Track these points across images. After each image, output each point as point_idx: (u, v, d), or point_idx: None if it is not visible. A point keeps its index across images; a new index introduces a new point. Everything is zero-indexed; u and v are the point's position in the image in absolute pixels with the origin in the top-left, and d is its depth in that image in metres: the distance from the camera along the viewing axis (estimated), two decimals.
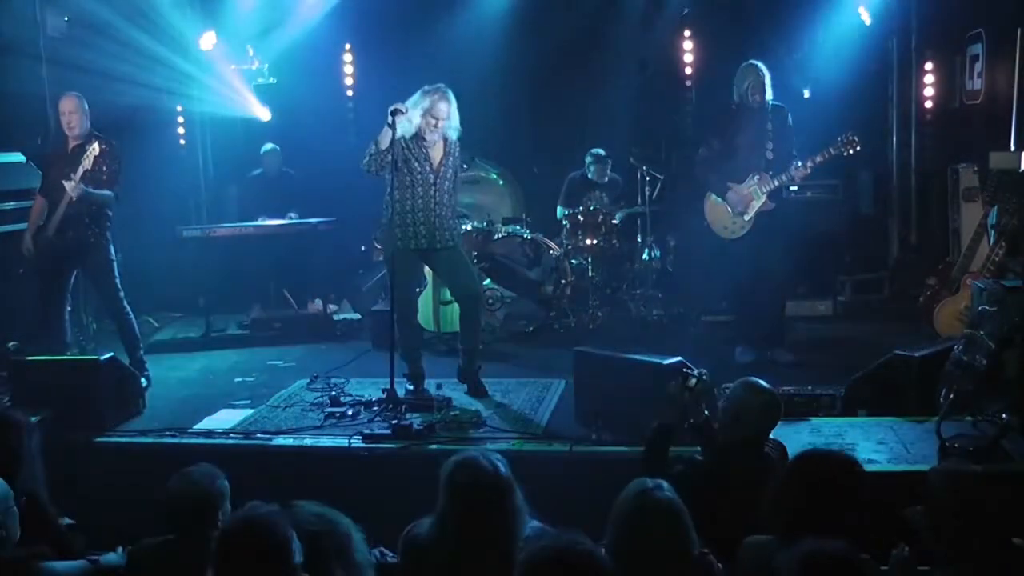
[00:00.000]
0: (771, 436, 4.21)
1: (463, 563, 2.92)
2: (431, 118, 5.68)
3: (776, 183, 6.24)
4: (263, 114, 9.56)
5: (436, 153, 5.82)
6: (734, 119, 6.37)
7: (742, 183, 6.30)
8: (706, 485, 3.47)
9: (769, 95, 6.33)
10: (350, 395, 5.98)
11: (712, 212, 6.52)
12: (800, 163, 6.29)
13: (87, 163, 6.07)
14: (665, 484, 2.81)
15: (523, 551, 2.44)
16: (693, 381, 3.96)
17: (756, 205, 6.28)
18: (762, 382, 3.91)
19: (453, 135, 5.86)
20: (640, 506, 2.72)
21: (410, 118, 5.64)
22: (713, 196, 6.46)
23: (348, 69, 9.84)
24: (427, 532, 3.07)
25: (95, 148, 6.09)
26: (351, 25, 9.53)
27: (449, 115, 5.74)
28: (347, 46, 9.80)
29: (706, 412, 3.97)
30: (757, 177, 6.26)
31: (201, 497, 3.26)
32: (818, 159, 6.31)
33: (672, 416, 3.92)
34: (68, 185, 6.04)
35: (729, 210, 6.36)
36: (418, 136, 5.73)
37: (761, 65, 6.30)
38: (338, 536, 2.69)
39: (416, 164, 5.76)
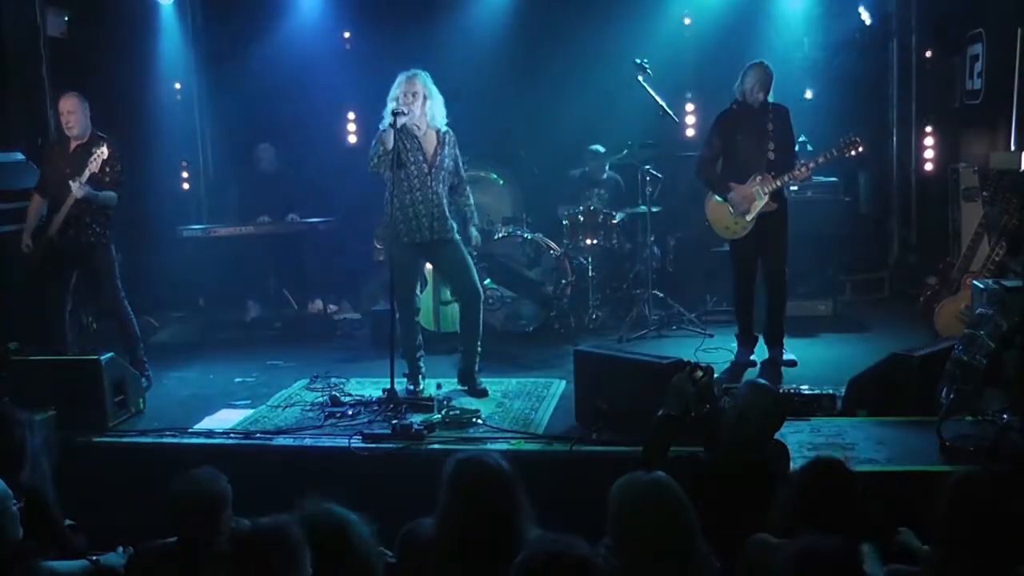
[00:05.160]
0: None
1: (465, 562, 2.92)
2: (408, 96, 5.69)
3: (778, 183, 6.22)
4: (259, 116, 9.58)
5: (429, 145, 5.85)
6: (735, 119, 6.35)
7: (744, 183, 6.29)
8: (708, 484, 3.47)
9: (770, 95, 6.32)
10: (350, 395, 5.99)
11: (713, 212, 6.50)
12: (802, 163, 6.29)
13: (94, 166, 6.07)
14: (658, 472, 2.83)
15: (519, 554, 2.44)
16: (700, 374, 3.97)
17: (758, 206, 6.26)
18: (769, 384, 3.92)
19: (442, 125, 5.88)
20: (634, 488, 2.74)
21: (392, 106, 5.67)
22: (715, 196, 6.45)
23: (348, 70, 9.82)
24: (427, 532, 3.07)
25: (103, 151, 6.09)
26: (350, 24, 9.55)
27: (426, 93, 5.77)
28: (347, 46, 9.80)
29: (708, 406, 3.98)
30: (759, 178, 6.24)
31: (204, 500, 3.25)
32: (820, 160, 6.30)
33: (675, 408, 3.92)
34: (73, 187, 6.04)
35: (731, 210, 6.35)
36: (408, 130, 5.74)
37: (767, 64, 6.28)
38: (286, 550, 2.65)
39: (410, 156, 5.78)
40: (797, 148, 6.71)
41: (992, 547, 2.72)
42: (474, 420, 5.41)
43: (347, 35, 9.73)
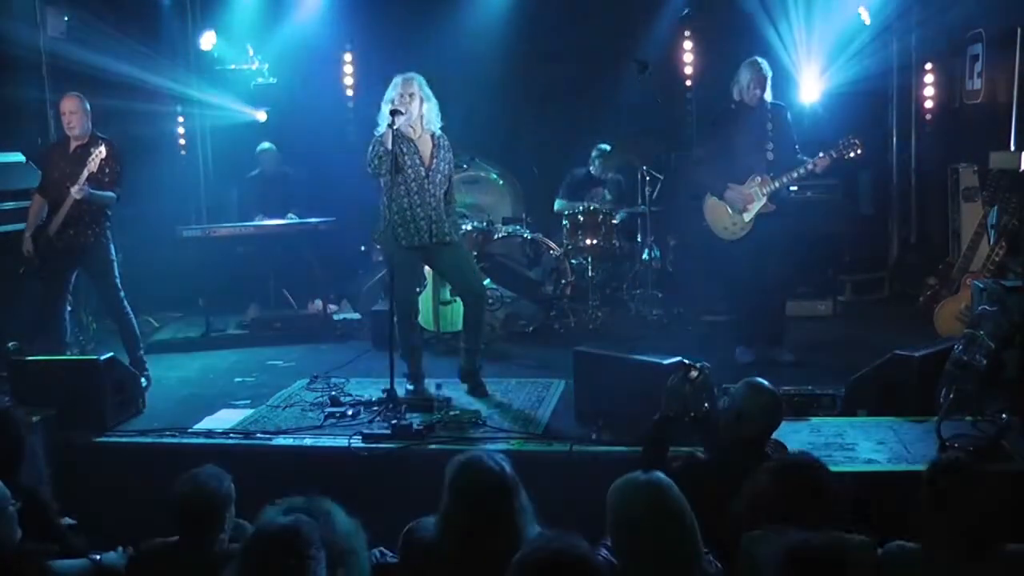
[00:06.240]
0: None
1: (467, 563, 2.92)
2: (405, 97, 5.67)
3: (776, 185, 6.19)
4: (259, 116, 9.59)
5: (425, 148, 5.84)
6: (733, 119, 6.32)
7: (743, 184, 6.26)
8: (707, 484, 3.47)
9: (768, 94, 6.29)
10: (350, 395, 5.98)
11: (712, 213, 6.49)
12: (802, 165, 6.23)
13: (92, 166, 6.07)
14: (656, 472, 2.84)
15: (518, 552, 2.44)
16: (695, 374, 3.97)
17: (756, 207, 6.23)
18: (765, 382, 3.92)
19: (436, 128, 5.87)
20: (632, 488, 2.74)
21: (387, 108, 5.68)
22: (712, 196, 6.43)
23: (348, 69, 9.86)
24: (429, 532, 3.07)
25: (101, 151, 6.10)
26: (351, 24, 9.55)
27: (422, 96, 5.75)
28: (347, 46, 9.82)
29: (706, 405, 3.98)
30: (758, 179, 6.21)
31: (209, 499, 3.25)
32: (817, 162, 6.21)
33: (673, 409, 3.93)
34: (72, 188, 6.05)
35: (728, 210, 6.33)
36: (404, 134, 5.74)
37: (763, 61, 6.26)
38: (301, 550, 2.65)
39: (407, 159, 5.77)
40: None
41: (975, 527, 2.76)
42: (474, 420, 5.41)
43: (347, 34, 9.73)
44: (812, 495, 3.03)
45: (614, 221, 8.03)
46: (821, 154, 6.26)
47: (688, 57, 9.18)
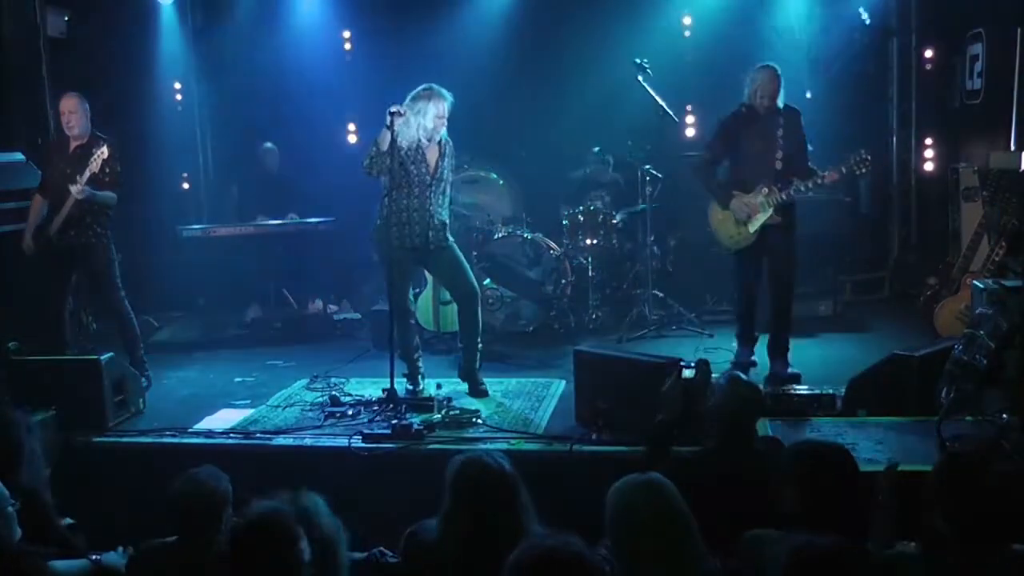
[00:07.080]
0: (770, 435, 4.23)
1: (468, 563, 2.92)
2: (441, 120, 5.77)
3: (784, 196, 6.02)
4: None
5: (432, 155, 5.87)
6: (744, 123, 6.10)
7: (749, 193, 6.11)
8: (706, 483, 3.47)
9: (780, 99, 6.11)
10: (350, 395, 5.99)
11: (716, 219, 6.32)
12: (810, 179, 6.07)
13: (94, 167, 6.07)
14: (654, 473, 2.84)
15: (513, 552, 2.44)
16: (689, 372, 3.98)
17: (762, 218, 6.05)
18: (743, 375, 3.92)
19: (444, 133, 5.90)
20: (630, 489, 2.74)
21: (423, 125, 5.71)
22: (717, 205, 6.31)
23: (347, 69, 9.84)
24: (431, 533, 3.07)
25: (103, 152, 6.10)
26: (350, 24, 9.56)
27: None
28: (346, 47, 9.82)
29: (712, 399, 3.98)
30: (765, 189, 6.03)
31: (207, 499, 3.26)
32: (827, 175, 6.02)
33: (673, 412, 3.93)
34: (74, 188, 6.05)
35: (733, 220, 6.20)
36: (413, 141, 5.76)
37: (775, 67, 6.04)
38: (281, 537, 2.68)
39: (413, 167, 5.80)
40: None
41: (981, 526, 2.76)
42: (474, 420, 5.41)
43: (347, 34, 9.75)
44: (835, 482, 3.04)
45: (614, 221, 8.03)
46: (831, 167, 6.06)
47: (688, 57, 9.16)
